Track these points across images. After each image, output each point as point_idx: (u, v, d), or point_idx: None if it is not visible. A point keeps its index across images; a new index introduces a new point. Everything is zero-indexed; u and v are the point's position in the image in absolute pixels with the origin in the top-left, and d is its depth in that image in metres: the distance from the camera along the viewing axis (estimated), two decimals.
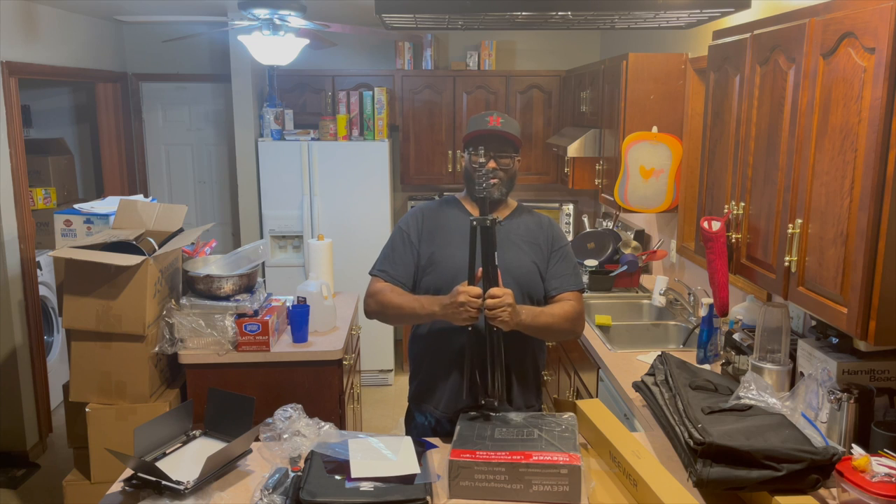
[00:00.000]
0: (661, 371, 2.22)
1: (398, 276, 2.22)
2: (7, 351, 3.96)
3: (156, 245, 2.88)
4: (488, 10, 2.55)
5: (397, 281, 2.22)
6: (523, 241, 2.23)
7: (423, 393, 2.29)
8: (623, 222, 4.38)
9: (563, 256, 2.27)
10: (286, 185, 4.80)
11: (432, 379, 2.24)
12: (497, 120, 2.19)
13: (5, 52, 3.89)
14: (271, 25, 3.76)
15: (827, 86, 1.77)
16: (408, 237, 2.26)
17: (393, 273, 2.23)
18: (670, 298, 3.52)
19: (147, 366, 2.75)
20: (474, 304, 1.95)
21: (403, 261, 2.24)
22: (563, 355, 3.55)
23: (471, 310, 1.95)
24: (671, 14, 2.64)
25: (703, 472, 1.65)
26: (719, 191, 2.42)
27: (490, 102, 5.05)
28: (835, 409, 1.88)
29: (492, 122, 2.19)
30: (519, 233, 2.24)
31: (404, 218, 2.33)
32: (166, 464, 1.89)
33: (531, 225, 2.28)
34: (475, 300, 1.95)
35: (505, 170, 2.21)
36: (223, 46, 5.10)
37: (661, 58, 3.52)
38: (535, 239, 2.25)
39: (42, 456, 4.16)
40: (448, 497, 1.73)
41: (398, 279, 2.22)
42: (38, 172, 5.05)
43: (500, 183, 2.20)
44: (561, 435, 1.82)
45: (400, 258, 2.24)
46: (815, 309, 1.84)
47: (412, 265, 2.24)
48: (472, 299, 1.94)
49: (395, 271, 2.23)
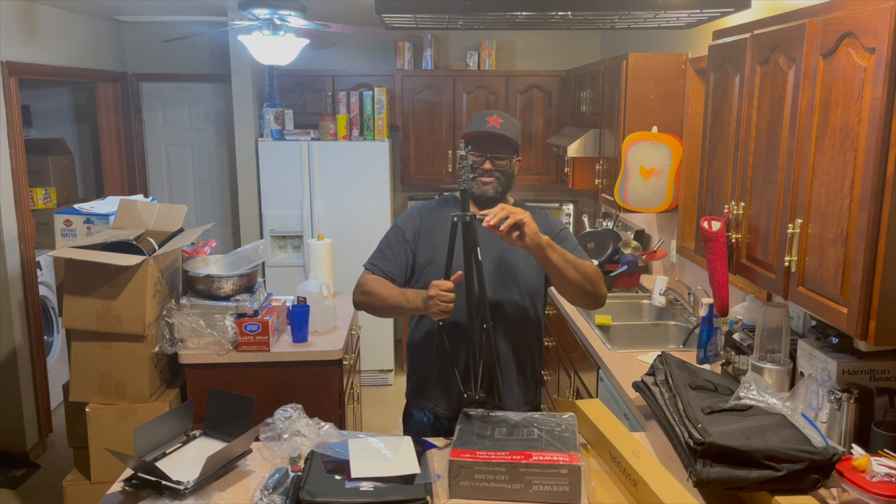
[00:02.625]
0: (661, 371, 2.21)
1: (389, 272, 2.26)
2: (7, 351, 3.96)
3: (156, 245, 2.88)
4: (488, 10, 2.55)
5: (387, 276, 2.26)
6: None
7: (420, 389, 2.31)
8: (623, 222, 4.38)
9: (566, 236, 2.28)
10: (286, 185, 4.80)
11: (429, 375, 2.26)
12: (497, 120, 2.19)
13: (5, 52, 3.89)
14: (271, 25, 3.76)
15: (827, 86, 1.77)
16: (403, 235, 2.29)
17: (384, 268, 2.27)
18: (670, 298, 3.52)
19: (147, 366, 2.75)
20: (443, 298, 1.98)
21: (396, 258, 2.27)
22: (563, 355, 3.55)
23: (440, 303, 1.98)
24: (671, 14, 2.64)
25: (703, 472, 1.65)
26: (719, 191, 2.42)
27: (490, 102, 5.05)
28: (835, 409, 1.88)
29: (491, 122, 2.19)
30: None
31: (402, 216, 2.36)
32: (166, 464, 1.89)
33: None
34: (445, 294, 1.97)
35: (501, 170, 2.21)
36: (223, 46, 5.10)
37: (661, 58, 3.52)
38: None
39: (42, 456, 4.16)
40: (448, 497, 1.73)
41: (389, 275, 2.26)
42: (38, 172, 5.05)
43: (496, 182, 2.21)
44: (561, 435, 1.82)
45: (393, 255, 2.28)
46: (815, 309, 1.84)
47: (405, 263, 2.27)
48: (441, 293, 1.98)
49: (386, 267, 2.27)
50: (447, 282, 1.99)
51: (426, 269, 2.22)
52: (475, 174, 2.18)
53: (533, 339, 2.29)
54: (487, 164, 2.18)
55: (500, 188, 2.23)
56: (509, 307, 2.22)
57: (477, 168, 2.19)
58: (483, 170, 2.19)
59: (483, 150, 2.19)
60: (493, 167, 2.19)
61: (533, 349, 2.30)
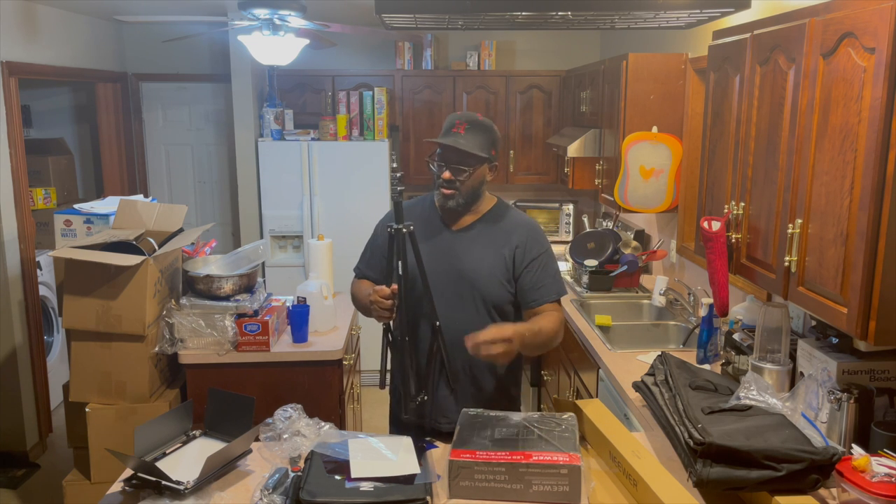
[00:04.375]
0: (661, 371, 2.22)
1: (369, 274, 2.35)
2: (7, 351, 3.96)
3: (156, 245, 2.88)
4: (488, 10, 2.55)
5: (369, 278, 2.34)
6: (486, 247, 2.18)
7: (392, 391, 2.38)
8: (623, 222, 4.38)
9: (542, 266, 2.18)
10: (286, 185, 4.80)
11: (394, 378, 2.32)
12: (462, 126, 2.11)
13: (5, 52, 3.89)
14: (271, 25, 3.76)
15: (827, 86, 1.77)
16: (377, 237, 2.36)
17: (365, 271, 2.37)
18: (670, 298, 3.52)
19: (147, 366, 2.75)
20: (381, 305, 2.04)
21: (375, 258, 2.34)
22: (563, 355, 3.55)
23: (377, 309, 2.05)
24: (671, 14, 2.64)
25: (703, 472, 1.65)
26: (719, 191, 2.42)
27: (490, 102, 5.05)
28: (835, 409, 1.88)
29: (456, 126, 2.11)
30: (482, 239, 2.20)
31: (382, 217, 2.41)
32: (166, 464, 1.89)
33: (502, 231, 2.21)
34: (382, 301, 2.03)
35: (461, 181, 2.13)
36: (223, 46, 5.10)
37: (661, 58, 3.52)
38: (500, 246, 2.18)
39: (42, 456, 4.16)
40: (448, 497, 1.73)
41: (369, 276, 2.34)
42: (38, 172, 5.05)
43: (455, 194, 2.14)
44: (561, 435, 1.82)
45: (372, 257, 2.35)
46: (815, 309, 1.84)
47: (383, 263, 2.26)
48: (378, 299, 2.04)
49: (367, 269, 2.37)
50: (386, 288, 2.04)
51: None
52: (438, 184, 2.16)
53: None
54: (447, 174, 2.13)
55: (462, 199, 2.16)
56: (463, 320, 2.13)
57: (439, 177, 2.15)
58: (443, 180, 2.13)
59: (446, 159, 2.13)
60: (452, 178, 2.12)
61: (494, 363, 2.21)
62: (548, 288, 2.18)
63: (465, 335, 1.90)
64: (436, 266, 2.13)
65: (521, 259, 2.18)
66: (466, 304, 2.17)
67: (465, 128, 2.11)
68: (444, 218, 2.24)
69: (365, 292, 2.23)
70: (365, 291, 2.24)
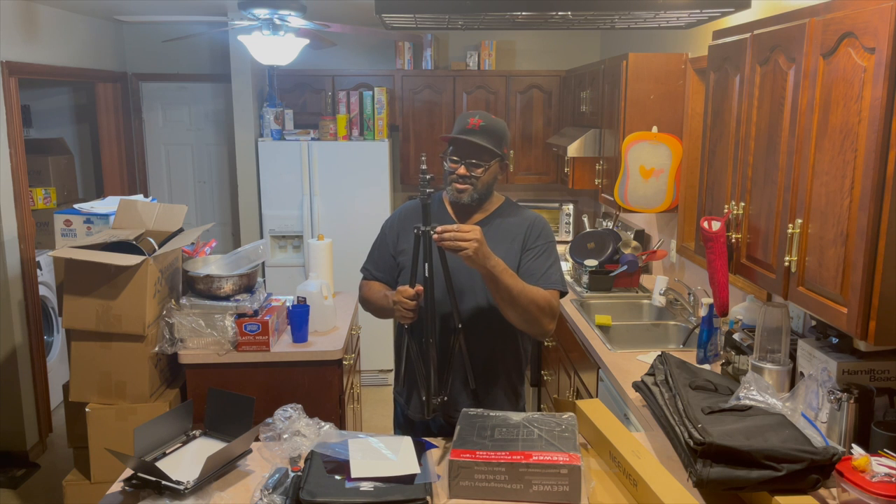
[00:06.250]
0: (661, 371, 2.22)
1: (378, 274, 2.34)
2: (7, 351, 3.96)
3: (156, 245, 2.88)
4: (488, 10, 2.55)
5: (377, 279, 2.33)
6: (497, 242, 2.18)
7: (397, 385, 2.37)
8: (623, 222, 4.38)
9: (542, 252, 2.19)
10: (286, 185, 4.80)
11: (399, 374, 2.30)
12: (477, 123, 2.13)
13: (5, 52, 3.89)
14: (271, 25, 3.76)
15: (827, 86, 1.77)
16: (385, 237, 2.35)
17: (374, 272, 2.36)
18: (670, 298, 3.52)
19: (147, 366, 2.75)
20: (404, 305, 2.03)
21: (383, 259, 2.33)
22: (563, 355, 3.55)
23: (401, 309, 2.04)
24: (671, 14, 2.64)
25: (703, 472, 1.65)
26: (719, 191, 2.42)
27: (490, 102, 5.05)
28: (835, 409, 1.88)
29: (471, 124, 2.13)
30: (492, 235, 2.19)
31: (388, 217, 2.41)
32: (166, 464, 1.89)
33: (512, 226, 2.22)
34: (406, 301, 2.02)
35: (476, 177, 2.14)
36: (223, 46, 5.10)
37: (661, 58, 3.52)
38: (511, 241, 2.20)
39: (42, 456, 4.16)
40: (448, 497, 1.73)
41: (378, 277, 2.33)
42: (38, 172, 5.05)
43: (471, 189, 2.16)
44: (561, 435, 1.82)
45: (380, 258, 2.34)
46: (815, 309, 1.84)
47: (390, 264, 2.31)
48: (402, 300, 2.03)
49: (375, 270, 2.35)
50: (410, 289, 2.03)
51: (405, 270, 2.23)
52: (451, 180, 2.17)
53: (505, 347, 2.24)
54: (462, 169, 2.14)
55: (476, 195, 2.18)
56: (478, 316, 2.17)
57: (452, 173, 2.16)
58: (458, 175, 2.15)
59: (461, 154, 2.14)
60: (468, 173, 2.14)
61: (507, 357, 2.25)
62: (547, 277, 2.16)
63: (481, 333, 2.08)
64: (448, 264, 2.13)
65: (525, 246, 2.20)
66: (480, 301, 2.18)
67: (479, 125, 2.13)
68: (454, 215, 2.25)
69: (380, 293, 2.23)
70: (380, 293, 2.23)
